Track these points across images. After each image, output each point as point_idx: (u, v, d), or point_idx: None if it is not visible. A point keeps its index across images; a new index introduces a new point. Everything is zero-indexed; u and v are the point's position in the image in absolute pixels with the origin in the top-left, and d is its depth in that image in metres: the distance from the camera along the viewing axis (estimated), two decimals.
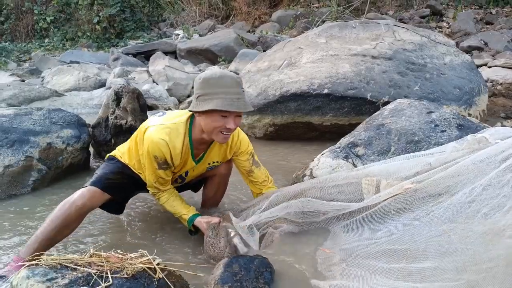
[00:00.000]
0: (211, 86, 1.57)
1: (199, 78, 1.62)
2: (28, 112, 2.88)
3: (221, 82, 1.57)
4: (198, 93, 1.60)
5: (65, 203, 1.69)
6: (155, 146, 1.67)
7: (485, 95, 3.78)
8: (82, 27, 11.01)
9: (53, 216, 1.66)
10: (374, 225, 1.57)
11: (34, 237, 1.64)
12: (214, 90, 1.56)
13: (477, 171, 1.55)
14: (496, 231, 1.37)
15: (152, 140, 1.67)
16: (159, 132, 1.68)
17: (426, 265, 1.30)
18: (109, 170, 1.85)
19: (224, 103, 1.54)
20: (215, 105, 1.54)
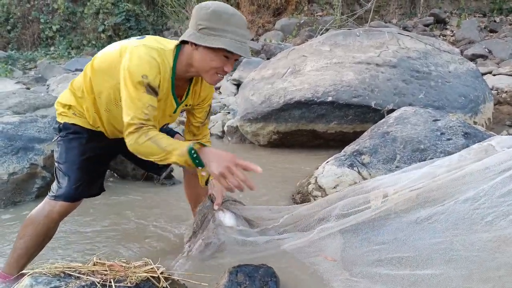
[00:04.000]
0: (223, 22, 1.39)
1: (208, 8, 1.40)
2: (33, 119, 2.89)
3: (233, 20, 1.41)
4: (203, 25, 1.39)
5: (40, 216, 1.59)
6: (145, 64, 1.39)
7: (490, 103, 3.76)
8: (88, 36, 11.13)
9: (32, 231, 1.58)
10: (376, 230, 1.56)
11: (17, 253, 1.59)
12: (224, 27, 1.39)
13: (481, 178, 1.54)
14: (502, 239, 1.35)
15: (140, 56, 1.39)
16: (149, 50, 1.42)
17: (432, 272, 1.28)
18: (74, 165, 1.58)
19: (234, 45, 1.38)
20: (225, 44, 1.37)
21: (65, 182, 1.58)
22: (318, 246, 1.61)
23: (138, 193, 2.70)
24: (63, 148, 1.61)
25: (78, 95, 1.61)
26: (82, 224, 2.23)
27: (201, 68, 1.46)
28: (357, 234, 1.59)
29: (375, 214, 1.59)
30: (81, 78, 1.61)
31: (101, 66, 1.53)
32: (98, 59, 1.56)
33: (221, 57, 1.42)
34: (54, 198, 1.58)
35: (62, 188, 1.58)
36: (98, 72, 1.54)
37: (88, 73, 1.57)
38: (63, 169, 1.59)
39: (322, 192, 2.16)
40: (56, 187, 1.60)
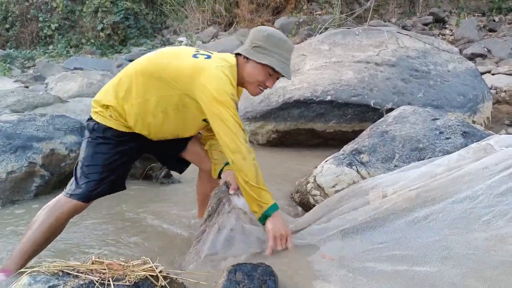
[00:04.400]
0: (273, 44, 1.64)
1: (264, 31, 1.67)
2: (31, 118, 2.89)
3: (283, 45, 1.67)
4: (257, 44, 1.64)
5: (52, 211, 1.64)
6: (226, 83, 1.56)
7: (489, 102, 3.77)
8: (86, 34, 11.09)
9: (42, 226, 1.62)
10: (375, 230, 1.56)
11: (23, 247, 1.61)
12: (274, 49, 1.63)
13: (479, 177, 1.54)
14: (499, 238, 1.35)
15: (220, 79, 1.56)
16: (220, 70, 1.59)
17: (429, 269, 1.28)
18: (98, 170, 1.65)
19: (279, 65, 1.63)
20: (271, 62, 1.61)
21: (84, 183, 1.63)
22: (316, 244, 1.61)
23: (137, 191, 2.70)
24: (90, 151, 1.66)
25: (121, 95, 1.65)
26: (81, 222, 2.22)
27: (248, 79, 1.67)
28: (356, 233, 1.59)
29: (374, 214, 1.59)
30: (128, 79, 1.66)
31: (163, 75, 1.62)
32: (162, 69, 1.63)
33: (266, 73, 1.65)
34: (70, 196, 1.64)
35: (80, 188, 1.63)
36: (156, 80, 1.62)
37: (140, 76, 1.64)
38: (86, 171, 1.65)
39: (321, 191, 2.16)
40: (73, 186, 1.65)
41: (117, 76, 1.72)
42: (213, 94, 1.53)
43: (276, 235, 1.59)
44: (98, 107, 1.69)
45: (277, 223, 1.60)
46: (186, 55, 1.68)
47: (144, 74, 1.64)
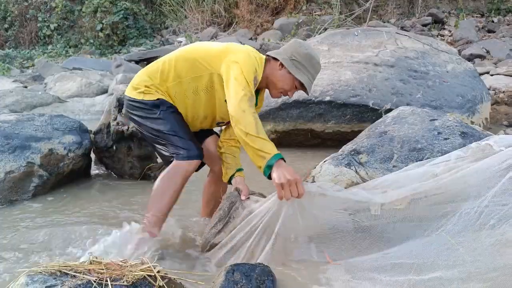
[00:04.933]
0: (311, 65, 1.81)
1: (306, 49, 1.81)
2: (30, 118, 2.88)
3: (317, 67, 1.85)
4: (297, 58, 1.78)
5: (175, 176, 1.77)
6: (251, 62, 1.73)
7: (487, 103, 3.77)
8: (85, 34, 11.09)
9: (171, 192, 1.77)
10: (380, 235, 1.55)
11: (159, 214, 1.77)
12: (308, 69, 1.80)
13: (481, 179, 1.54)
14: (504, 242, 1.35)
15: (248, 56, 1.74)
16: (251, 53, 1.78)
17: (432, 275, 1.28)
18: (188, 131, 1.85)
19: (309, 84, 1.81)
20: (304, 80, 1.78)
21: (190, 144, 1.78)
22: (315, 246, 1.60)
23: (135, 192, 2.70)
24: (173, 119, 1.82)
25: (158, 79, 1.84)
26: (79, 222, 2.22)
27: (275, 83, 1.83)
28: (362, 240, 1.58)
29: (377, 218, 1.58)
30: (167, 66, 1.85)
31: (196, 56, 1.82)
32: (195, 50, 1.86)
33: (293, 85, 1.82)
34: (188, 158, 1.76)
35: (191, 149, 1.77)
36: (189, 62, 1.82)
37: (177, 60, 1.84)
38: (182, 135, 1.80)
39: None
40: (183, 151, 1.77)
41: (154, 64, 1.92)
42: (236, 60, 1.71)
43: (283, 182, 1.47)
44: (142, 87, 1.86)
45: (282, 170, 1.50)
46: (219, 43, 1.90)
47: (179, 59, 1.85)
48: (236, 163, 1.98)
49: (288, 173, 1.49)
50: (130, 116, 1.97)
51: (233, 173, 1.94)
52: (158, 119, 1.82)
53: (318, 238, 1.63)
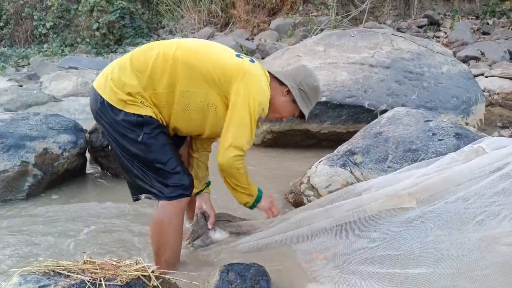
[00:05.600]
0: (315, 97, 1.77)
1: (315, 81, 1.74)
2: (25, 117, 2.87)
3: (318, 98, 1.83)
4: (305, 89, 1.69)
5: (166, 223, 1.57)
6: (265, 97, 1.57)
7: (482, 105, 3.80)
8: (81, 33, 11.03)
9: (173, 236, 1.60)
10: (368, 229, 1.57)
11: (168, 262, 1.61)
12: (312, 102, 1.76)
13: (471, 177, 1.56)
14: (491, 239, 1.37)
15: (262, 90, 1.56)
16: (264, 82, 1.60)
17: (420, 271, 1.29)
18: (176, 157, 1.56)
19: (307, 115, 1.75)
20: (306, 113, 1.73)
21: (178, 177, 1.54)
22: (309, 244, 1.61)
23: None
24: (158, 146, 1.52)
25: (144, 81, 1.50)
26: (73, 222, 2.21)
27: (277, 109, 1.70)
28: (349, 232, 1.60)
29: (366, 213, 1.60)
30: (160, 65, 1.51)
31: (202, 69, 1.51)
32: (204, 61, 1.53)
33: (293, 113, 1.75)
34: (177, 197, 1.53)
35: (180, 184, 1.54)
36: (192, 71, 1.51)
37: (177, 66, 1.51)
38: (169, 166, 1.53)
39: (315, 191, 2.17)
40: (171, 188, 1.53)
41: (143, 55, 1.55)
42: (249, 99, 1.50)
43: (270, 207, 1.79)
44: (125, 96, 1.50)
45: (265, 200, 1.78)
46: (230, 53, 1.63)
47: (178, 60, 1.51)
48: (206, 175, 1.90)
49: (268, 201, 1.80)
50: (102, 125, 1.58)
51: (202, 189, 1.89)
52: (139, 143, 1.50)
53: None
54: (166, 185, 1.53)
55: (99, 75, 1.62)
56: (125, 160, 1.55)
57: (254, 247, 1.74)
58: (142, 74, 1.51)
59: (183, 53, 1.53)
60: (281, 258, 1.58)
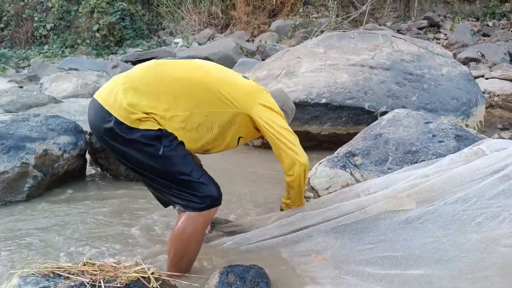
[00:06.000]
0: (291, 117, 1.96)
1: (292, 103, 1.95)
2: (25, 118, 2.87)
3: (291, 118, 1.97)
4: (285, 109, 1.85)
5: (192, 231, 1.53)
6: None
7: (482, 106, 3.80)
8: (82, 35, 11.04)
9: (194, 248, 1.58)
10: (367, 230, 1.57)
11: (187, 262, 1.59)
12: (289, 120, 1.90)
13: (471, 179, 1.56)
14: (491, 240, 1.37)
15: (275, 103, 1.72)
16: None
17: (421, 272, 1.29)
18: (198, 167, 1.56)
19: None
20: None
21: (205, 187, 1.50)
22: (309, 245, 1.61)
23: (131, 193, 2.69)
24: (180, 158, 1.49)
25: (164, 103, 1.48)
26: (73, 224, 2.21)
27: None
28: (348, 233, 1.60)
29: (366, 214, 1.60)
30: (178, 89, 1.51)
31: (222, 90, 1.55)
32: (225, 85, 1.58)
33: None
34: (206, 208, 1.49)
35: (209, 194, 1.50)
36: (211, 94, 1.54)
37: (197, 86, 1.53)
38: (194, 177, 1.49)
39: (315, 193, 2.17)
40: (200, 199, 1.49)
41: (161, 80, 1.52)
42: (272, 107, 1.66)
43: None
44: (140, 114, 1.45)
45: None
46: (238, 75, 1.74)
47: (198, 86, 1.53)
48: None
49: None
50: (112, 146, 1.49)
51: None
52: (160, 157, 1.45)
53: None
54: (195, 195, 1.49)
55: (105, 90, 1.54)
56: (146, 178, 1.53)
57: (252, 248, 1.73)
58: (162, 97, 1.49)
59: (200, 78, 1.56)
60: (280, 260, 1.58)
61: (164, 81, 1.52)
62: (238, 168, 3.10)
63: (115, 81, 1.55)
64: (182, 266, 1.55)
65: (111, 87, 1.52)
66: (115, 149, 1.50)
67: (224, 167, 3.00)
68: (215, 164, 1.66)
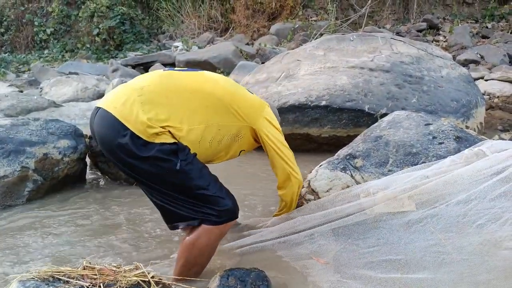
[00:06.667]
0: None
1: (279, 116, 1.93)
2: (25, 122, 2.87)
3: None
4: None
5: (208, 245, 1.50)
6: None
7: (482, 108, 3.79)
8: (82, 39, 11.08)
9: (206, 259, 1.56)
10: (368, 233, 1.56)
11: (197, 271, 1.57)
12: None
13: (472, 180, 1.56)
14: (493, 242, 1.36)
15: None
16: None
17: (423, 276, 1.28)
18: (215, 180, 1.54)
19: None
20: None
21: (222, 201, 1.47)
22: (310, 248, 1.61)
23: (131, 197, 2.68)
24: (197, 172, 1.45)
25: (179, 116, 1.46)
26: (72, 227, 2.21)
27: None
28: (349, 236, 1.59)
29: (367, 216, 1.59)
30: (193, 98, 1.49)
31: (233, 104, 1.56)
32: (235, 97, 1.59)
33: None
34: (223, 222, 1.47)
35: (224, 209, 1.47)
36: (224, 107, 1.54)
37: (209, 97, 1.52)
38: (212, 191, 1.46)
39: (315, 195, 2.16)
40: (217, 212, 1.46)
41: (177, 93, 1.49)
42: (274, 124, 1.72)
43: None
44: (158, 128, 1.41)
45: None
46: (243, 88, 1.76)
47: (210, 96, 1.52)
48: None
49: None
50: (124, 161, 1.43)
51: None
52: (177, 172, 1.40)
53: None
54: (213, 209, 1.46)
55: (117, 100, 1.46)
56: (159, 193, 1.47)
57: (253, 251, 1.73)
58: (177, 109, 1.46)
59: (213, 88, 1.55)
60: (281, 263, 1.58)
61: (180, 94, 1.49)
62: (237, 169, 3.10)
63: (129, 91, 1.48)
64: (190, 274, 1.51)
65: (124, 98, 1.45)
66: (128, 164, 1.44)
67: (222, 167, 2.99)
68: (213, 166, 1.66)
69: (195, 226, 1.49)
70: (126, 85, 1.55)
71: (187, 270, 1.52)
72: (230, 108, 1.55)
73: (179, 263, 1.53)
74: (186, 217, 1.47)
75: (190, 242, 1.49)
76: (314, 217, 1.77)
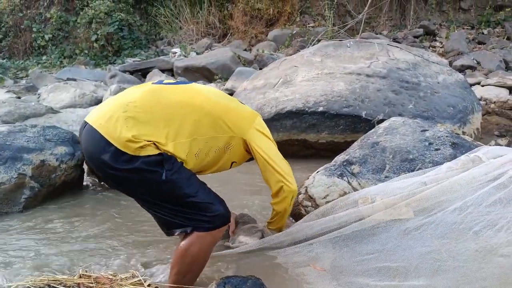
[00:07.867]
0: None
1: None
2: (22, 129, 2.86)
3: None
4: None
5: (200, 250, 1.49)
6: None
7: (478, 114, 3.81)
8: (80, 45, 11.09)
9: (200, 266, 1.56)
10: (365, 240, 1.56)
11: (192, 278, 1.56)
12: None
13: (468, 187, 1.56)
14: (489, 249, 1.36)
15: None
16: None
17: (419, 283, 1.29)
18: (204, 187, 1.54)
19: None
20: None
21: (213, 207, 1.48)
22: (307, 255, 1.60)
23: (128, 204, 2.68)
24: (184, 180, 1.46)
25: (165, 130, 1.46)
26: (69, 234, 2.20)
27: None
28: (347, 243, 1.60)
29: (365, 225, 1.60)
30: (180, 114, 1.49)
31: (223, 116, 1.57)
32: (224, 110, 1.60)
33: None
34: (215, 228, 1.48)
35: (215, 215, 1.47)
36: (212, 120, 1.55)
37: (195, 110, 1.52)
38: (201, 197, 1.47)
39: (312, 202, 2.16)
40: (208, 218, 1.47)
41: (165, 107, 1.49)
42: (266, 134, 1.72)
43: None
44: (143, 142, 1.41)
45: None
46: (234, 99, 1.78)
47: (197, 110, 1.53)
48: None
49: None
50: (112, 176, 1.45)
51: None
52: (164, 182, 1.42)
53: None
54: (204, 215, 1.47)
55: (103, 116, 1.48)
56: (150, 204, 1.50)
57: (250, 258, 1.72)
58: (161, 124, 1.46)
59: (198, 100, 1.56)
60: (278, 270, 1.58)
61: (168, 109, 1.50)
62: (232, 177, 3.10)
63: (114, 106, 1.50)
64: (184, 283, 1.51)
65: (110, 113, 1.47)
66: (115, 179, 1.47)
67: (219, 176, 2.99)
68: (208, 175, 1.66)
69: (188, 233, 1.50)
70: (115, 99, 1.57)
71: (181, 277, 1.51)
72: (219, 120, 1.55)
73: (173, 271, 1.53)
74: (180, 225, 1.49)
75: (183, 249, 1.49)
76: (312, 225, 1.77)
